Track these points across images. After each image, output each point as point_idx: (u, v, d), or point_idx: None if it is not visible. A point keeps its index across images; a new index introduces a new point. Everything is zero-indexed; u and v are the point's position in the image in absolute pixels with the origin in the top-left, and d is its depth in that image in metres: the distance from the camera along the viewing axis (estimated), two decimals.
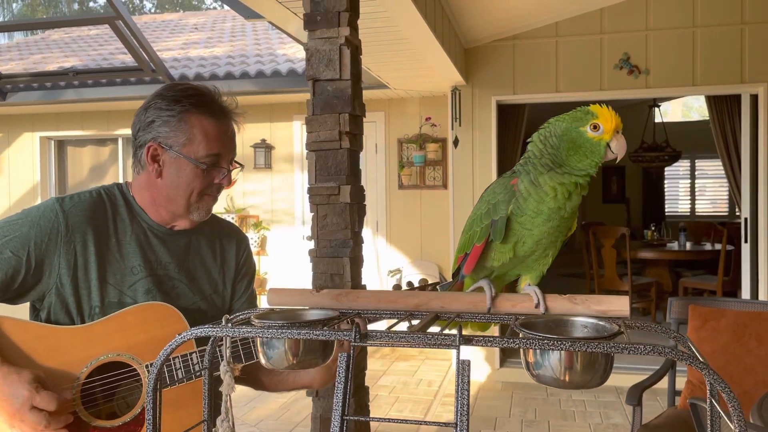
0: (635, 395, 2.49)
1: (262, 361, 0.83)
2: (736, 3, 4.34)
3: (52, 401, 1.09)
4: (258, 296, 6.45)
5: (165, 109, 1.24)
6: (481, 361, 4.84)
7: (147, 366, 1.20)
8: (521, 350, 0.72)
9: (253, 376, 1.39)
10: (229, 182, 1.31)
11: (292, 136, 6.01)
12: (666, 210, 10.30)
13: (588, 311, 0.84)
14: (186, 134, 1.23)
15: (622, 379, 4.13)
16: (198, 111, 1.25)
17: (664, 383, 2.80)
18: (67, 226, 1.21)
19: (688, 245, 6.49)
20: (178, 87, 1.28)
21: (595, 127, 0.91)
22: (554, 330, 0.79)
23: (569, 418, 3.99)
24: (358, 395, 2.13)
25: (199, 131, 1.24)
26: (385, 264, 5.87)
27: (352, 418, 0.70)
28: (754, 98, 4.46)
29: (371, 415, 3.18)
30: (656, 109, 8.38)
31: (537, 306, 0.86)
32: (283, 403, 4.28)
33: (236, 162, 1.34)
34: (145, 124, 1.25)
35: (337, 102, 2.02)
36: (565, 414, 4.07)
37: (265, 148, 5.98)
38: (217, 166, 1.27)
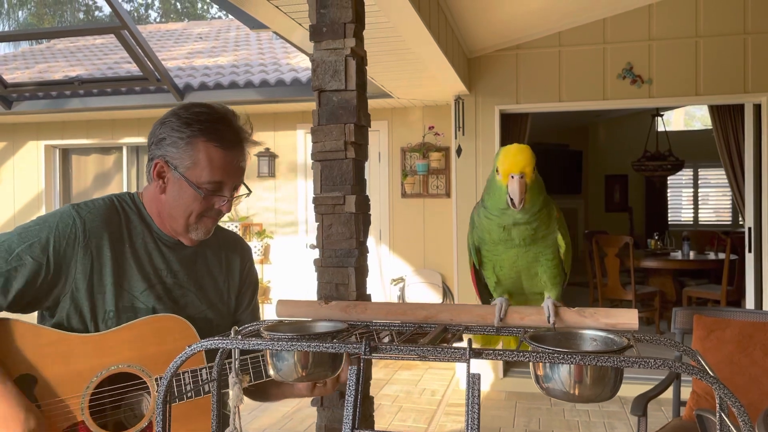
0: (640, 406, 2.48)
1: (271, 373, 0.84)
2: (739, 13, 4.36)
3: None
4: (261, 305, 6.43)
5: (176, 129, 1.25)
6: (485, 371, 4.82)
7: (156, 379, 1.20)
8: (531, 363, 0.72)
9: (261, 388, 1.39)
10: (229, 209, 1.31)
11: (295, 145, 6.03)
12: (669, 219, 10.28)
13: (597, 324, 0.84)
14: (191, 158, 1.24)
15: (627, 389, 4.09)
16: (206, 138, 1.24)
17: (669, 393, 2.79)
18: (85, 231, 1.22)
19: (692, 254, 6.48)
20: (193, 109, 1.28)
21: (497, 171, 0.87)
22: (563, 343, 0.79)
23: (573, 429, 3.97)
24: (363, 405, 2.13)
25: (204, 157, 1.24)
26: (388, 273, 5.86)
27: (362, 431, 0.70)
28: (758, 108, 4.46)
29: (375, 426, 3.17)
30: (659, 118, 8.39)
31: (548, 319, 0.86)
32: (286, 413, 4.27)
33: (244, 185, 1.34)
34: (157, 139, 1.27)
35: (343, 112, 2.02)
36: (570, 424, 4.05)
37: (268, 156, 6.00)
38: (217, 192, 1.27)
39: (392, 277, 5.82)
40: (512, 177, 0.85)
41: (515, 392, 4.70)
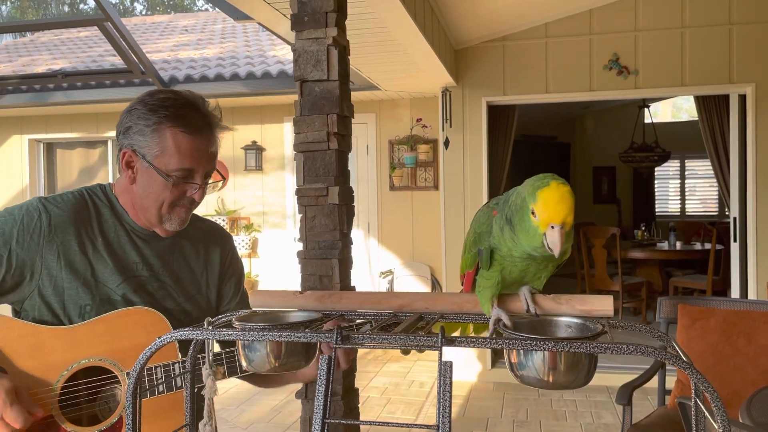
0: (625, 395, 2.49)
1: (244, 364, 0.82)
2: (724, 3, 4.37)
3: (20, 419, 1.05)
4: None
5: (142, 117, 1.21)
6: (472, 361, 4.83)
7: (127, 373, 1.18)
8: (505, 351, 0.71)
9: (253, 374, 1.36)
10: (202, 197, 1.27)
11: (282, 138, 6.00)
12: (656, 210, 10.34)
13: (572, 311, 0.84)
14: (159, 146, 1.21)
15: (613, 378, 4.14)
16: (172, 124, 1.21)
17: (654, 383, 2.81)
18: (50, 225, 1.20)
19: (678, 245, 6.52)
20: (158, 95, 1.24)
21: (533, 213, 0.79)
22: (538, 330, 0.78)
23: (560, 418, 3.99)
24: (348, 397, 2.12)
25: (172, 144, 1.21)
26: (377, 266, 5.85)
27: (333, 420, 0.69)
28: (742, 98, 4.48)
29: (361, 418, 3.17)
30: (646, 109, 8.42)
31: (527, 310, 0.85)
32: (274, 406, 4.26)
33: (218, 172, 1.30)
34: (124, 128, 1.24)
35: (325, 103, 2.00)
36: (557, 414, 4.07)
37: (255, 149, 5.96)
38: (188, 180, 1.24)
39: (381, 270, 5.81)
40: (552, 227, 0.78)
41: (503, 383, 4.72)
